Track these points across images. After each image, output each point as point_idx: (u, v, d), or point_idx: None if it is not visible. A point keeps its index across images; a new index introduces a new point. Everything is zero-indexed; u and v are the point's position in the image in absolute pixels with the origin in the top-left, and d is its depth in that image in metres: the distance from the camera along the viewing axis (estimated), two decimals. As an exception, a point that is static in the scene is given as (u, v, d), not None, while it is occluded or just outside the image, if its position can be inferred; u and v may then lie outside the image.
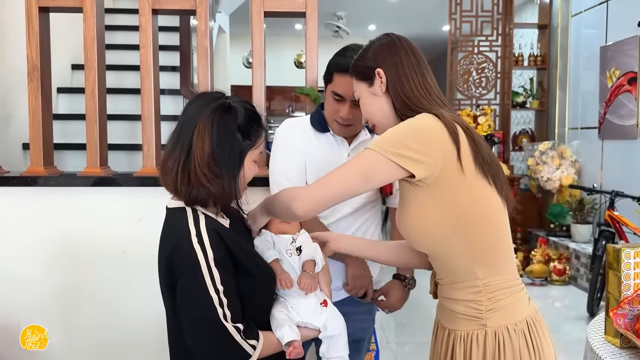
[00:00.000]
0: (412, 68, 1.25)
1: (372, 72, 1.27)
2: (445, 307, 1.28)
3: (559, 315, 4.28)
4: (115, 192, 2.11)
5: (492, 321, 1.19)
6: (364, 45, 1.39)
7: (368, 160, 1.14)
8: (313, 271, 1.32)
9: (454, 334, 1.24)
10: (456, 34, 6.23)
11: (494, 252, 1.20)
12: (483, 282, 1.19)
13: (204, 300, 1.13)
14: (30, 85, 2.10)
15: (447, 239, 1.18)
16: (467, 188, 1.15)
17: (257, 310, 1.27)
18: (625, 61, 4.61)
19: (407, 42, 1.30)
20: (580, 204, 5.06)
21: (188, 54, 3.46)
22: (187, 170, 1.18)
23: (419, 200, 1.18)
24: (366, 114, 1.32)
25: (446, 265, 1.23)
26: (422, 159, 1.11)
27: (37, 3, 2.09)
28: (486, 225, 1.19)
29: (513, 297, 1.21)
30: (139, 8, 2.13)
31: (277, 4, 2.15)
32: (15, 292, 2.09)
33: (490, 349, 1.18)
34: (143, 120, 2.14)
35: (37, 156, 2.11)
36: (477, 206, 1.17)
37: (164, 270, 1.20)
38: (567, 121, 5.71)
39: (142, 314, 2.09)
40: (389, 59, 1.26)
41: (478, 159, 1.16)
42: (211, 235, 1.17)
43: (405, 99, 1.23)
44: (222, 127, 1.19)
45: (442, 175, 1.13)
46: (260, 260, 1.29)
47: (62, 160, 2.98)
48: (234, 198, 1.25)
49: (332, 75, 1.59)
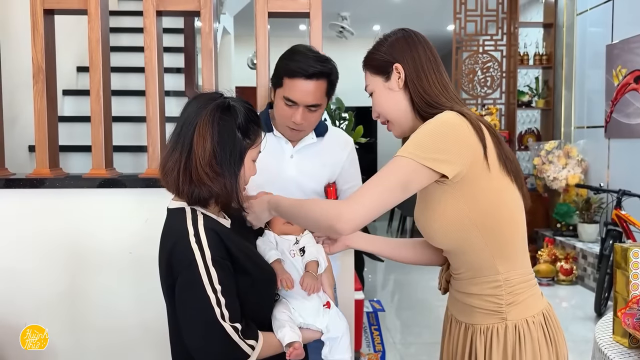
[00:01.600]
0: (430, 64, 1.25)
1: (389, 66, 1.25)
2: (460, 301, 1.28)
3: (567, 315, 4.25)
4: (121, 194, 2.11)
5: (512, 315, 1.21)
6: (311, 46, 1.41)
7: (403, 169, 1.12)
8: (316, 272, 1.32)
9: (473, 328, 1.25)
10: (461, 34, 6.21)
11: (514, 247, 1.22)
12: (504, 276, 1.21)
13: (201, 300, 1.13)
14: (36, 88, 2.11)
15: (470, 235, 1.19)
16: (492, 185, 1.17)
17: (258, 310, 1.27)
18: (631, 59, 4.58)
19: (424, 38, 1.29)
20: (587, 203, 5.03)
21: (193, 55, 3.47)
22: (189, 170, 1.19)
23: (443, 198, 1.18)
24: (381, 109, 1.29)
25: (467, 261, 1.24)
26: (453, 159, 1.12)
27: (42, 5, 2.09)
28: (508, 221, 1.20)
29: (530, 290, 1.23)
30: (143, 10, 2.13)
31: (281, 5, 2.15)
32: (21, 293, 2.10)
33: (510, 342, 1.20)
34: (148, 122, 2.14)
35: (42, 158, 2.12)
36: (501, 202, 1.19)
37: (164, 270, 1.21)
38: (573, 120, 5.68)
39: (147, 314, 2.09)
40: (407, 54, 1.24)
41: (502, 157, 1.18)
42: (209, 235, 1.17)
43: (425, 95, 1.22)
44: (222, 126, 1.20)
45: (470, 173, 1.14)
46: (260, 260, 1.29)
47: (67, 162, 2.99)
48: (235, 197, 1.24)
49: (282, 79, 1.55)
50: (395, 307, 4.40)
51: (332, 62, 1.62)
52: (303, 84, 1.50)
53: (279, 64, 1.57)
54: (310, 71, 1.49)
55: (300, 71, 1.50)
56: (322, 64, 1.55)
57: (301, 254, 1.34)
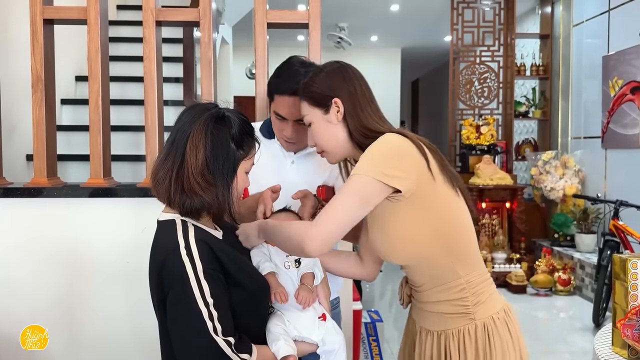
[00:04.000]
0: (365, 98, 1.31)
1: (328, 100, 1.29)
2: (428, 311, 1.33)
3: (565, 325, 4.25)
4: (119, 203, 2.11)
5: (479, 314, 1.27)
6: (305, 58, 1.46)
7: (361, 185, 1.17)
8: (312, 284, 1.31)
9: (445, 334, 1.29)
10: (458, 44, 6.25)
11: (470, 251, 1.29)
12: (466, 279, 1.27)
13: (193, 314, 1.11)
14: (35, 97, 2.11)
15: (430, 245, 1.24)
16: (439, 194, 1.24)
17: (251, 323, 1.25)
18: (627, 70, 4.62)
19: (358, 71, 1.35)
20: (585, 213, 5.04)
21: (191, 65, 3.48)
22: (181, 179, 1.17)
23: (399, 215, 1.23)
24: (318, 140, 1.33)
25: (428, 271, 1.29)
26: (402, 174, 1.18)
27: (41, 15, 2.10)
28: (460, 227, 1.27)
29: (490, 288, 1.31)
30: (143, 20, 2.14)
31: (280, 16, 2.16)
32: (18, 302, 2.09)
33: (481, 341, 1.26)
34: (147, 131, 2.14)
35: (40, 167, 2.12)
36: (451, 210, 1.26)
37: (155, 284, 1.19)
38: (570, 130, 5.70)
39: (145, 324, 2.08)
40: (344, 89, 1.29)
41: (444, 170, 1.25)
42: (200, 247, 1.15)
43: (363, 128, 1.28)
44: (216, 135, 1.19)
45: (419, 187, 1.20)
46: (254, 272, 1.27)
47: (65, 171, 2.99)
48: (227, 208, 1.23)
49: (272, 95, 1.57)
50: (394, 318, 4.39)
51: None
52: (289, 100, 1.51)
53: (271, 80, 1.59)
54: (294, 88, 1.50)
55: (286, 88, 1.51)
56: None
57: (297, 265, 1.32)
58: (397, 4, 6.82)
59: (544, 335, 3.97)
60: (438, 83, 10.98)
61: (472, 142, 5.76)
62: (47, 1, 2.14)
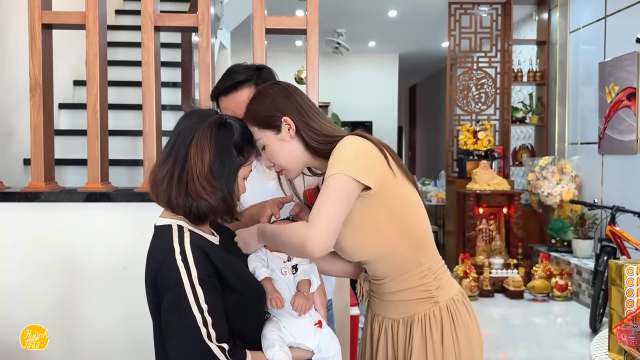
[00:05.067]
0: (310, 108, 1.36)
1: (277, 120, 1.33)
2: (392, 301, 1.40)
3: (561, 331, 4.25)
4: (117, 208, 2.11)
5: (442, 297, 1.37)
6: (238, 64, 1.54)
7: (341, 183, 1.22)
8: (308, 291, 1.30)
9: (411, 319, 1.37)
10: (455, 50, 6.28)
11: (428, 239, 1.38)
12: (427, 266, 1.36)
13: (187, 320, 1.11)
14: (32, 102, 2.11)
15: (394, 238, 1.32)
16: (401, 188, 1.32)
17: (246, 329, 1.25)
18: (624, 77, 4.64)
19: (296, 87, 1.40)
20: (582, 219, 5.05)
21: (189, 70, 3.48)
22: (184, 183, 1.18)
23: (366, 211, 1.29)
24: (276, 160, 1.36)
25: (393, 263, 1.36)
26: (370, 173, 1.25)
27: (40, 20, 2.10)
28: (419, 217, 1.36)
29: (447, 273, 1.41)
30: (142, 25, 2.14)
31: (278, 21, 2.17)
32: (16, 308, 2.08)
33: (446, 321, 1.35)
34: (144, 136, 2.14)
35: (38, 172, 2.12)
36: (411, 202, 1.35)
37: (150, 290, 1.19)
38: (567, 136, 5.73)
39: (143, 330, 2.08)
40: (289, 105, 1.34)
41: (400, 166, 1.35)
42: (195, 252, 1.15)
43: (318, 136, 1.33)
44: (220, 141, 1.21)
45: (383, 183, 1.28)
46: (249, 278, 1.27)
47: (62, 176, 2.98)
48: (232, 212, 1.24)
49: (218, 101, 1.60)
50: (391, 323, 4.38)
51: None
52: (228, 99, 1.57)
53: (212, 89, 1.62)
54: (228, 84, 1.56)
55: (221, 86, 1.56)
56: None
57: (293, 272, 1.32)
58: (395, 10, 6.85)
59: (541, 341, 3.97)
60: (435, 89, 11.01)
61: (470, 148, 5.78)
62: (45, 6, 2.14)
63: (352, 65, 9.31)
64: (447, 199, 6.39)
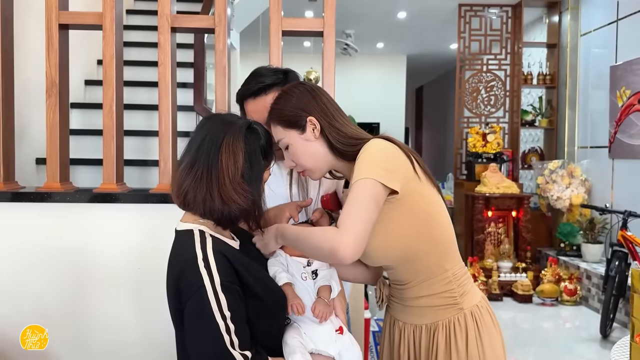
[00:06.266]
0: (335, 110, 1.36)
1: (302, 120, 1.32)
2: (415, 306, 1.38)
3: (571, 336, 4.22)
4: (131, 209, 2.10)
5: (466, 303, 1.35)
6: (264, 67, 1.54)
7: (369, 187, 1.20)
8: (329, 298, 1.29)
9: (435, 325, 1.35)
10: (465, 52, 6.26)
11: (452, 245, 1.36)
12: (451, 272, 1.34)
13: (211, 327, 1.10)
14: (49, 102, 2.11)
15: (418, 242, 1.30)
16: (426, 193, 1.31)
17: (268, 335, 1.24)
18: (635, 80, 4.61)
19: (321, 88, 1.39)
20: (591, 223, 5.02)
21: (202, 71, 3.47)
22: (217, 188, 1.17)
23: (389, 216, 1.27)
24: (299, 160, 1.35)
25: (416, 268, 1.34)
26: (396, 176, 1.24)
27: (57, 20, 2.10)
28: (444, 222, 1.34)
29: (470, 280, 1.39)
30: (158, 26, 2.14)
31: (294, 24, 2.16)
32: (29, 308, 2.08)
33: (471, 328, 1.33)
34: (160, 137, 2.14)
35: (53, 172, 2.11)
36: (435, 207, 1.33)
37: (172, 296, 1.18)
38: (577, 140, 5.70)
39: (157, 331, 2.07)
40: (315, 105, 1.33)
41: (425, 171, 1.33)
42: (218, 258, 1.15)
43: (343, 138, 1.32)
44: (250, 144, 1.22)
45: (409, 187, 1.26)
46: (271, 283, 1.26)
47: (73, 176, 2.97)
48: (261, 215, 1.25)
49: (242, 104, 1.58)
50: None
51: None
52: (254, 103, 1.54)
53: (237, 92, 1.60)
54: (256, 88, 1.53)
55: (249, 89, 1.54)
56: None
57: (313, 277, 1.31)
58: (404, 12, 6.84)
59: (551, 346, 3.95)
60: (443, 91, 10.99)
61: (479, 150, 5.76)
62: (62, 6, 2.14)
63: (360, 67, 9.30)
64: (456, 201, 6.37)
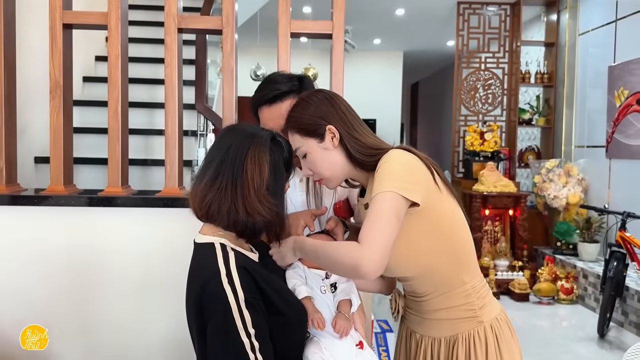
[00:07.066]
0: (354, 119, 1.34)
1: (322, 128, 1.31)
2: (433, 319, 1.36)
3: (568, 335, 4.25)
4: (137, 213, 2.07)
5: (486, 316, 1.33)
6: (279, 73, 1.52)
7: (390, 200, 1.18)
8: (349, 312, 1.28)
9: (454, 338, 1.33)
10: (463, 50, 6.25)
11: (472, 258, 1.35)
12: (470, 284, 1.33)
13: (235, 345, 1.08)
14: (52, 103, 2.07)
15: (438, 254, 1.29)
16: (445, 205, 1.29)
17: (289, 350, 1.22)
18: (633, 81, 4.63)
19: (339, 96, 1.38)
20: (588, 222, 5.05)
21: (203, 68, 3.44)
22: (241, 199, 1.16)
23: (408, 227, 1.24)
24: (317, 169, 1.33)
25: (436, 280, 1.32)
26: (417, 188, 1.22)
27: (61, 20, 2.06)
28: (464, 234, 1.32)
29: (489, 292, 1.38)
30: (165, 26, 2.10)
31: (302, 26, 2.13)
32: (33, 312, 2.05)
33: (491, 342, 1.31)
34: (167, 138, 2.10)
35: (57, 175, 2.08)
36: (455, 219, 1.31)
37: (194, 311, 1.15)
38: (574, 139, 5.72)
39: (160, 336, 2.06)
40: (334, 114, 1.31)
41: (445, 182, 1.31)
42: (241, 273, 1.13)
43: (362, 148, 1.30)
44: (274, 156, 1.21)
45: (429, 199, 1.24)
46: (291, 297, 1.25)
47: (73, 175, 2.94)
48: (283, 228, 1.24)
49: (256, 111, 1.55)
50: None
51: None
52: (269, 110, 1.52)
53: (252, 97, 1.56)
54: (271, 95, 1.50)
55: (264, 95, 1.51)
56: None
57: (332, 290, 1.30)
58: (402, 9, 6.81)
59: (548, 345, 3.98)
60: (439, 87, 10.99)
61: (476, 149, 5.77)
62: (66, 6, 2.10)
63: (357, 63, 9.27)
64: (452, 199, 6.37)
